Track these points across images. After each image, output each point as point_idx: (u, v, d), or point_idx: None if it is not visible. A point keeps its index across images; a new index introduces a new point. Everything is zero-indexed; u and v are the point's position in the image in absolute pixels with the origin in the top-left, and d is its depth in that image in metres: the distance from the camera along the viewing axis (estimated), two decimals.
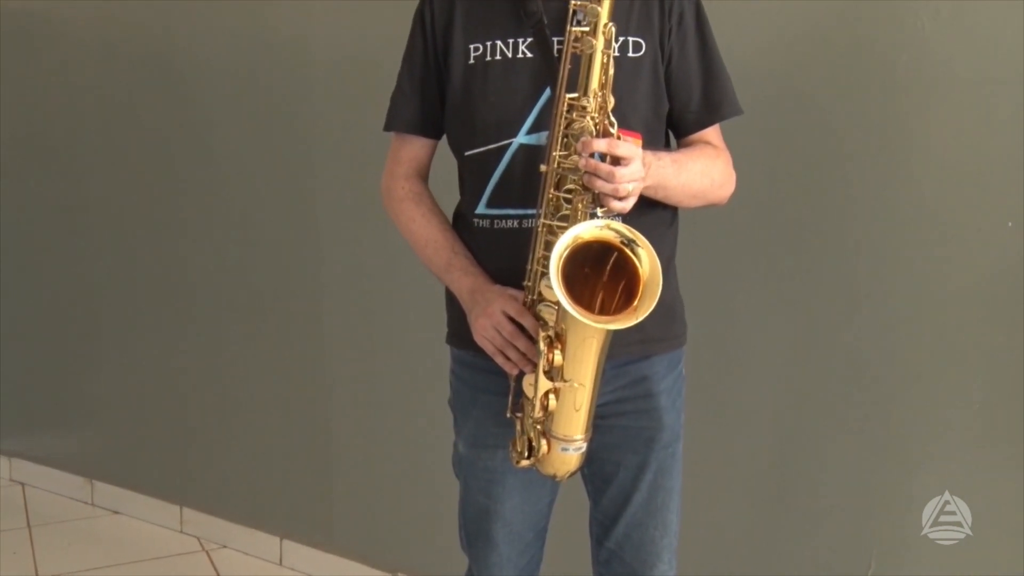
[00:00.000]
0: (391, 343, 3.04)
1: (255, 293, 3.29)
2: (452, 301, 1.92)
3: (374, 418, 3.12)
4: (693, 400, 2.04)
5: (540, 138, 1.76)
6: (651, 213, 1.83)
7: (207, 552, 3.43)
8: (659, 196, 1.79)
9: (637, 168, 1.65)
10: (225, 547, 3.45)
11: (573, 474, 1.87)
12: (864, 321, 2.31)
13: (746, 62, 2.15)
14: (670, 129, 1.90)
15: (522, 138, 1.78)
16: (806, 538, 2.43)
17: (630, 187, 1.64)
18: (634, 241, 1.63)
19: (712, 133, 1.90)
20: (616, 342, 1.74)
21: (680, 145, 1.90)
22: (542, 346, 1.70)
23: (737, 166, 1.91)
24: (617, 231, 1.63)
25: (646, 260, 1.62)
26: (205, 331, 3.42)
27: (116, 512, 3.71)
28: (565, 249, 1.60)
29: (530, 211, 1.74)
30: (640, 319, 1.59)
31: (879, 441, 2.31)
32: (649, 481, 1.92)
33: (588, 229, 1.62)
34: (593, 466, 1.94)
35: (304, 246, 3.15)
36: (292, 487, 3.31)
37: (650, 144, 1.76)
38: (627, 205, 1.67)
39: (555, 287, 1.58)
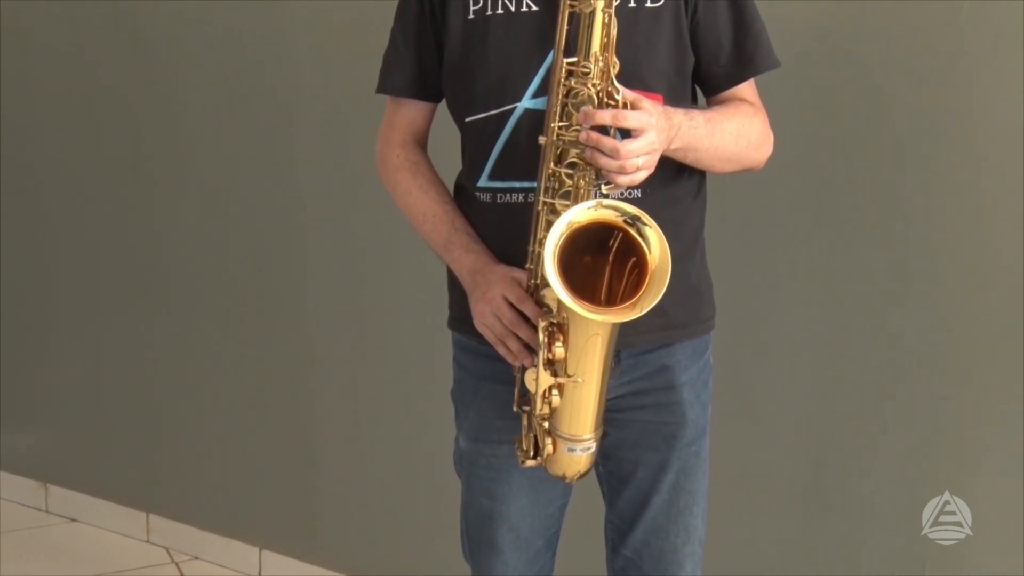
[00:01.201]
0: (384, 330, 3.06)
1: (231, 276, 3.31)
2: (453, 281, 1.95)
3: (364, 414, 3.15)
4: (721, 392, 2.05)
5: (546, 102, 1.76)
6: (675, 184, 1.86)
7: (177, 564, 3.46)
8: (689, 160, 1.81)
9: (648, 141, 1.67)
10: (197, 559, 3.48)
11: (584, 475, 1.91)
12: (910, 311, 2.36)
13: (783, 12, 2.16)
14: (698, 86, 1.91)
15: (527, 102, 1.80)
16: (850, 545, 2.47)
17: (639, 162, 1.66)
18: (637, 219, 1.65)
19: (746, 89, 1.91)
20: (634, 328, 1.77)
21: (709, 105, 1.91)
22: (542, 337, 1.73)
23: (773, 129, 1.92)
24: (616, 209, 1.65)
25: (653, 240, 1.64)
26: (175, 318, 3.44)
27: (73, 520, 3.74)
28: (560, 237, 1.63)
29: (536, 184, 1.77)
30: (647, 308, 1.62)
31: (927, 440, 2.38)
32: (670, 482, 1.95)
33: (580, 212, 1.65)
34: (609, 464, 1.98)
35: (287, 224, 3.17)
36: (272, 491, 3.33)
37: (672, 103, 1.78)
38: (637, 178, 1.69)
39: (551, 280, 1.61)
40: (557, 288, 1.61)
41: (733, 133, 1.84)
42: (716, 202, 1.99)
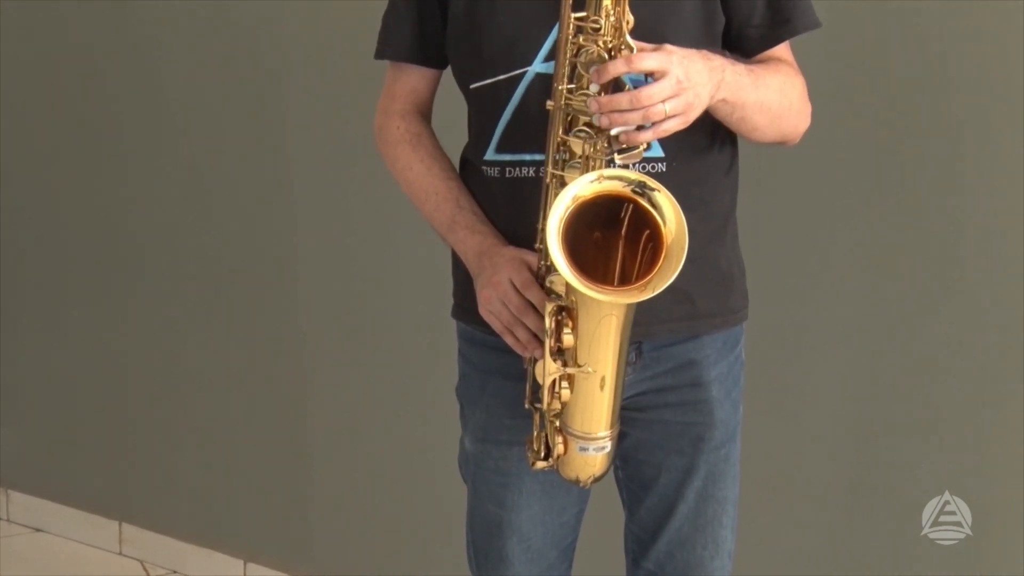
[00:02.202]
0: (381, 319, 3.07)
1: (213, 260, 3.30)
2: (458, 266, 1.97)
3: (362, 411, 3.15)
4: (753, 389, 2.07)
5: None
6: (704, 158, 1.87)
7: None
8: (733, 119, 1.80)
9: (671, 82, 1.64)
10: (175, 572, 3.48)
11: (599, 479, 1.92)
12: (961, 307, 2.41)
13: None
14: (728, 51, 1.89)
15: (538, 66, 1.82)
16: (896, 558, 2.56)
17: (666, 107, 1.64)
18: (644, 185, 1.65)
19: (783, 53, 1.90)
20: (656, 317, 1.79)
21: None
22: (548, 323, 1.74)
23: (812, 98, 1.91)
24: (619, 178, 1.65)
25: (666, 208, 1.64)
26: (151, 305, 3.43)
27: (38, 530, 3.74)
28: (565, 212, 1.64)
29: None
30: (663, 287, 1.61)
31: (977, 446, 2.46)
32: (697, 489, 1.96)
33: (584, 186, 1.66)
34: (629, 468, 2.00)
35: (274, 205, 3.17)
36: (259, 498, 3.34)
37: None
38: (666, 128, 1.66)
39: (555, 258, 1.63)
40: (561, 267, 1.63)
41: (777, 89, 1.83)
42: (748, 179, 1.98)
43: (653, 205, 1.65)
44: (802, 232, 2.53)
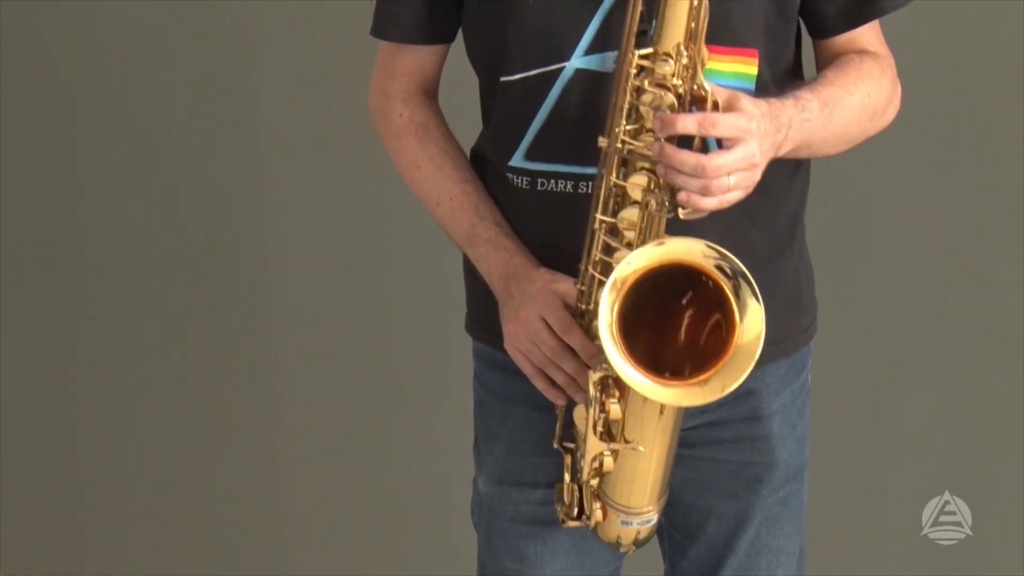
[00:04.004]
0: (371, 330, 3.02)
1: (169, 256, 3.16)
2: (474, 275, 1.85)
3: (343, 448, 3.09)
4: (818, 416, 1.96)
5: (605, 61, 1.67)
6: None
7: None
8: (800, 155, 1.71)
9: (745, 153, 1.55)
10: None
11: (643, 543, 1.83)
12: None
13: None
14: (806, 27, 1.79)
15: (578, 60, 1.69)
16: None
17: (731, 180, 1.54)
18: (742, 276, 1.55)
19: (869, 34, 1.77)
20: None
21: (818, 51, 1.79)
22: (593, 392, 1.63)
23: (901, 79, 1.79)
24: (717, 252, 1.56)
25: (751, 311, 1.55)
26: (97, 316, 3.26)
27: None
28: (621, 288, 1.55)
29: (590, 169, 1.67)
30: (721, 395, 1.53)
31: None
32: (750, 539, 1.86)
33: (647, 255, 1.56)
34: (672, 514, 1.87)
35: (244, 194, 3.08)
36: (233, 553, 3.23)
37: (774, 57, 1.68)
38: (727, 200, 1.57)
39: (610, 354, 1.54)
40: (619, 364, 1.54)
41: (855, 110, 1.72)
42: (819, 175, 1.89)
43: (737, 296, 1.56)
44: (874, 238, 2.53)
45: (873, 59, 1.76)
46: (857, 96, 1.71)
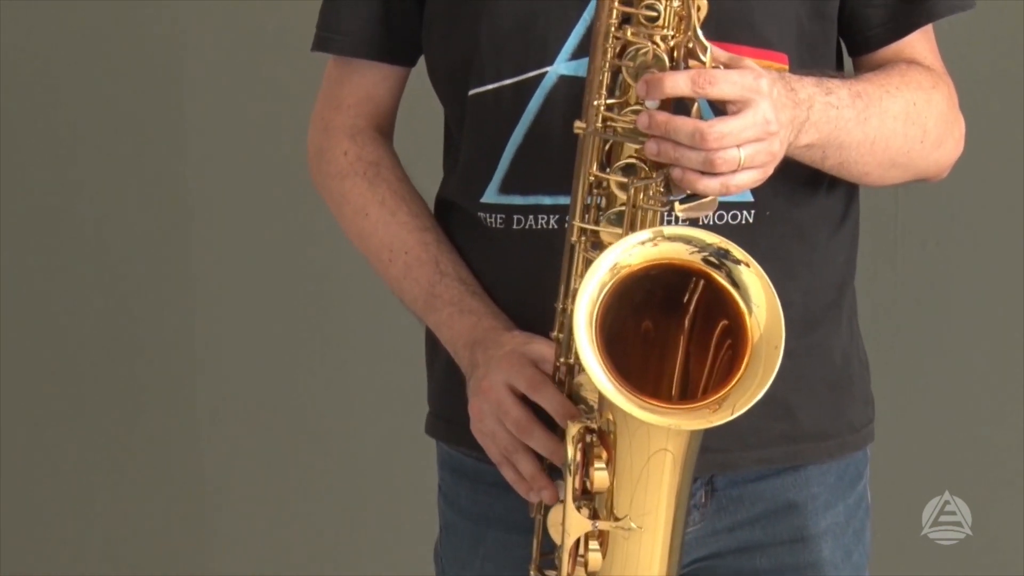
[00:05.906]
0: (311, 411, 3.07)
1: (87, 271, 3.19)
2: (436, 354, 1.65)
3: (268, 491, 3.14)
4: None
5: None
6: (808, 203, 1.55)
7: None
8: (828, 164, 1.48)
9: (755, 118, 1.32)
10: None
11: None
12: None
13: None
14: (843, 39, 1.60)
15: (562, 65, 1.52)
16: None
17: (740, 153, 1.32)
18: (726, 254, 1.34)
19: (919, 45, 1.58)
20: (738, 440, 1.48)
21: (859, 68, 1.58)
22: (571, 452, 1.40)
23: (965, 113, 1.60)
24: (688, 240, 1.35)
25: (754, 289, 1.33)
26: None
27: None
28: (602, 289, 1.35)
29: None
30: (747, 406, 1.31)
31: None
32: None
33: (631, 250, 1.35)
34: None
35: (169, 232, 3.12)
36: None
37: (811, 67, 1.47)
38: (737, 182, 1.34)
39: (587, 358, 1.33)
40: (596, 372, 1.32)
41: (898, 117, 1.50)
42: (869, 225, 1.74)
43: (735, 284, 1.34)
44: (948, 309, 2.61)
45: (924, 71, 1.56)
46: (899, 101, 1.51)
